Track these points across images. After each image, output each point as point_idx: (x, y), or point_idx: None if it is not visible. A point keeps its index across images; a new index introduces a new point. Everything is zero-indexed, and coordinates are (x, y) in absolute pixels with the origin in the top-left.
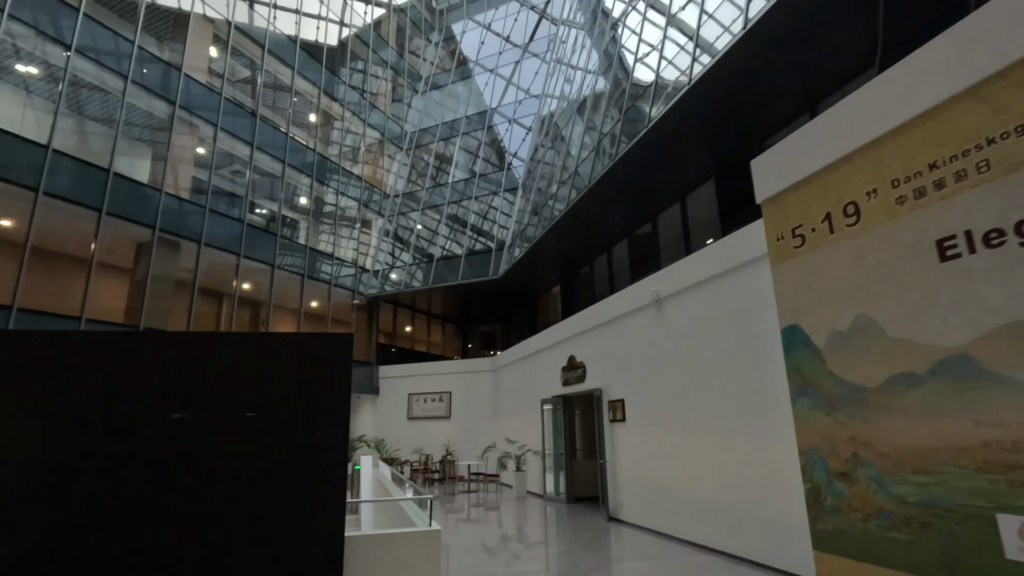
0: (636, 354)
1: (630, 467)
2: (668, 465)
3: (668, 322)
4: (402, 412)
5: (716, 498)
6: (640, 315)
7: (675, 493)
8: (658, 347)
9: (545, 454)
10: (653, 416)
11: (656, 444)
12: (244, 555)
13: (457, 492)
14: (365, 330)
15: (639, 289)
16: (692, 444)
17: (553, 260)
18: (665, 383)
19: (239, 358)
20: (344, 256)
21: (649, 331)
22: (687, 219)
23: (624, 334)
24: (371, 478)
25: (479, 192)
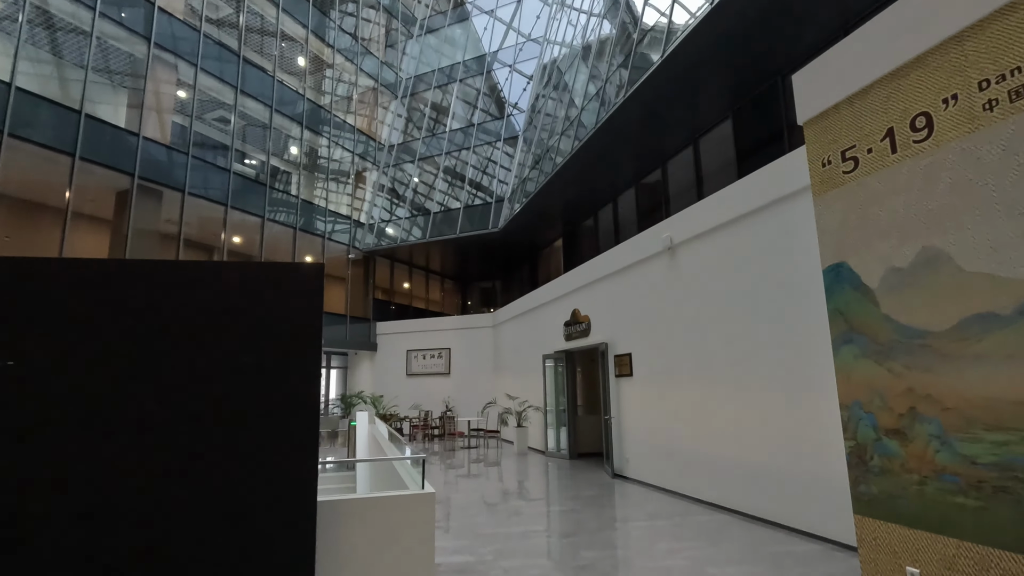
0: (645, 306)
1: (637, 423)
2: (678, 421)
3: (682, 270)
4: (401, 369)
5: (730, 455)
6: (650, 264)
7: (685, 450)
8: (670, 298)
9: (547, 410)
10: (663, 370)
11: (666, 399)
12: (197, 525)
13: (457, 448)
14: (361, 286)
15: (650, 236)
16: (705, 399)
17: (555, 212)
18: (677, 336)
19: (177, 292)
20: (338, 209)
21: (660, 281)
22: (700, 165)
23: (632, 285)
24: (367, 435)
25: (478, 143)
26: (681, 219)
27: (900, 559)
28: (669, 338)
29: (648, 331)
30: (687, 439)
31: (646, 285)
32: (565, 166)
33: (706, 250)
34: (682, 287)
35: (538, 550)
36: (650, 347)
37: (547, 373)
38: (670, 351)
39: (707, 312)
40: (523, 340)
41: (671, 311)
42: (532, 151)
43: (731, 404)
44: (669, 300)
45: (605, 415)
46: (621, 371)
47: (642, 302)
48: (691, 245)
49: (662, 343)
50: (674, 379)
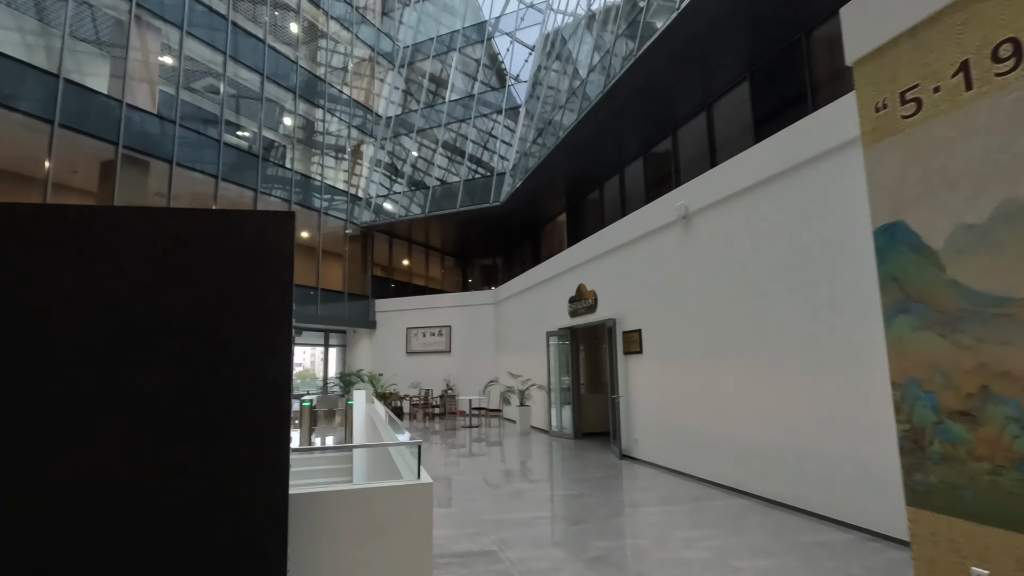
0: (657, 280)
1: (647, 402)
2: (692, 400)
3: (698, 240)
4: (400, 347)
5: (750, 436)
6: (663, 235)
7: (699, 430)
8: (684, 270)
9: (550, 389)
10: (676, 347)
11: (678, 377)
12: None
13: (458, 427)
14: (359, 262)
15: (662, 205)
16: (722, 377)
17: (559, 185)
18: (692, 311)
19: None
20: (335, 183)
21: (674, 252)
22: (713, 132)
23: (643, 258)
24: (364, 416)
25: (478, 115)
26: (697, 186)
27: (964, 558)
28: (683, 313)
29: (660, 306)
30: (701, 419)
31: (658, 257)
32: (569, 136)
33: (725, 218)
34: (698, 258)
35: (545, 538)
36: (662, 323)
37: (551, 351)
38: (684, 327)
39: (726, 285)
40: (526, 317)
41: (685, 285)
42: (534, 123)
43: (752, 383)
44: (683, 273)
45: (612, 394)
46: (630, 348)
47: (653, 275)
48: (708, 213)
49: (675, 319)
50: (688, 356)
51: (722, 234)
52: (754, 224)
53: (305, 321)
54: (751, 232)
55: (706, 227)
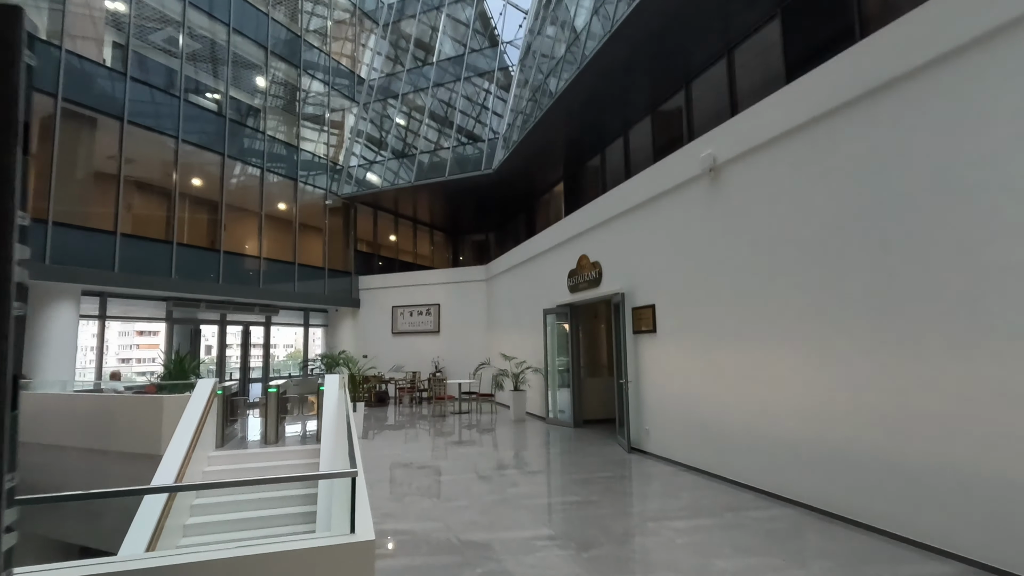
0: (674, 247)
1: (661, 388)
2: (720, 387)
3: (729, 197)
4: (386, 327)
5: (795, 432)
6: (683, 193)
7: (729, 422)
8: (710, 234)
9: (548, 372)
10: (698, 325)
11: (701, 360)
12: None
13: (447, 413)
14: (341, 237)
15: (681, 159)
16: (761, 360)
17: (556, 150)
18: (720, 282)
19: None
20: (314, 151)
21: (696, 213)
22: (735, 82)
23: (657, 222)
24: (336, 402)
25: (469, 77)
26: (729, 130)
27: None
28: (708, 286)
29: (678, 278)
30: (732, 410)
31: (676, 220)
32: (567, 92)
33: (767, 167)
34: (728, 219)
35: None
36: (680, 297)
37: (548, 330)
38: (709, 301)
39: (767, 250)
40: (521, 293)
41: (711, 252)
42: (529, 86)
43: (799, 368)
44: (709, 238)
45: (620, 378)
46: (641, 326)
47: (671, 242)
48: (744, 163)
49: (698, 292)
50: (715, 336)
51: (762, 187)
52: (807, 172)
53: (282, 298)
54: (803, 183)
55: (740, 180)
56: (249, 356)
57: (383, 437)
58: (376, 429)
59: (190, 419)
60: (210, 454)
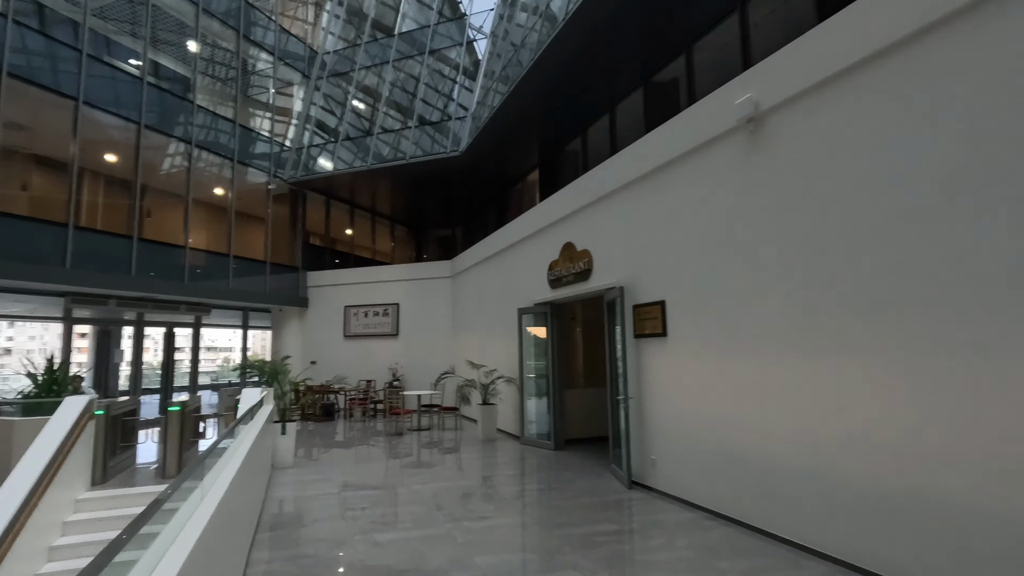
0: (694, 226)
1: (674, 408)
2: (764, 410)
3: (778, 157)
4: (337, 329)
5: (883, 476)
6: (707, 157)
7: (779, 458)
8: (748, 207)
9: (523, 382)
10: (730, 329)
11: (735, 374)
12: None
13: (404, 430)
14: (287, 227)
15: (708, 108)
16: (824, 377)
17: (531, 130)
18: (762, 271)
19: None
20: (256, 127)
21: (727, 181)
22: (748, 40)
23: (670, 196)
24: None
25: (434, 48)
26: (779, 64)
27: None
28: (744, 277)
29: (699, 267)
30: (782, 440)
31: (697, 192)
32: (546, 55)
33: (841, 108)
34: (778, 187)
35: None
36: (702, 292)
37: (525, 333)
38: (745, 298)
39: (841, 226)
40: (492, 291)
41: (751, 231)
42: (501, 56)
43: (885, 389)
44: (746, 213)
45: (616, 394)
46: (645, 329)
47: (688, 221)
48: (804, 106)
49: (728, 285)
50: (754, 342)
51: (833, 140)
52: (917, 108)
53: (214, 296)
54: (908, 126)
55: (797, 132)
56: (173, 363)
57: (315, 464)
58: (314, 449)
59: (40, 451)
60: (79, 496)
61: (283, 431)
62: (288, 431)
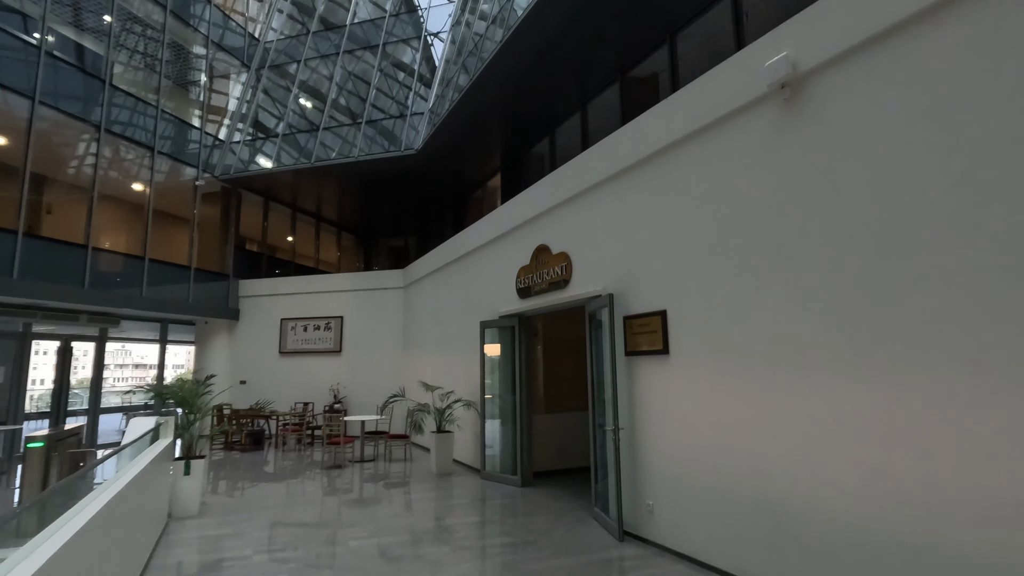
0: (705, 221)
1: (678, 442)
2: (804, 448)
3: (823, 131)
4: (272, 344)
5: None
6: (725, 132)
7: (838, 513)
8: (783, 193)
9: (485, 407)
10: (753, 343)
11: (761, 401)
12: None
13: (346, 461)
14: (217, 229)
15: (726, 74)
16: (898, 406)
17: (494, 126)
18: (799, 270)
19: None
20: (185, 116)
21: (752, 163)
22: (742, 25)
23: (673, 183)
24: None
25: (389, 40)
26: (828, 11)
27: None
28: (773, 279)
29: (711, 269)
30: (836, 489)
31: (711, 177)
32: (512, 42)
33: (915, 69)
34: (826, 168)
35: None
36: (716, 299)
37: (488, 350)
38: (776, 306)
39: (917, 216)
40: (449, 302)
41: (785, 224)
42: (462, 57)
43: (1008, 424)
44: (779, 201)
45: (602, 422)
46: (641, 345)
47: (696, 215)
48: (862, 65)
49: (751, 290)
50: (788, 362)
51: (904, 107)
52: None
53: (124, 304)
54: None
55: (849, 99)
56: (69, 384)
57: (230, 510)
58: (234, 487)
59: None
60: None
61: (187, 470)
62: (195, 470)
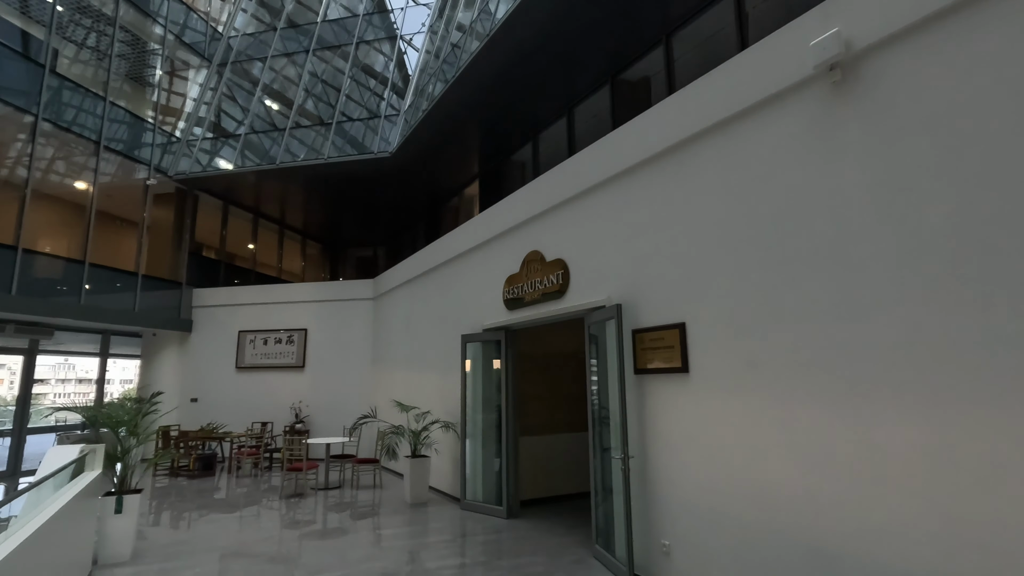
0: (734, 220)
1: (700, 474)
2: (866, 490)
3: (890, 113)
4: (228, 358)
5: None
6: (757, 123)
7: (914, 570)
8: (835, 188)
9: (466, 428)
10: (796, 363)
11: (808, 431)
12: None
13: (308, 489)
14: (170, 234)
15: (764, 54)
16: (986, 442)
17: (473, 131)
18: (855, 270)
19: None
20: (135, 109)
21: (794, 154)
22: (745, 28)
23: (694, 182)
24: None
25: (361, 39)
26: None
27: None
28: (824, 287)
29: (741, 275)
30: (909, 539)
31: (740, 174)
32: (498, 39)
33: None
34: (894, 158)
35: None
36: (746, 311)
37: (472, 366)
38: (826, 317)
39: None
40: (426, 314)
41: (839, 224)
42: (442, 58)
43: None
44: (831, 198)
45: (606, 448)
46: (654, 362)
47: (723, 214)
48: (936, 39)
49: (792, 300)
50: (843, 386)
51: (982, 92)
52: None
53: (59, 313)
54: None
55: (916, 83)
56: None
57: (168, 553)
58: (179, 520)
59: None
60: None
61: (118, 508)
62: (129, 506)
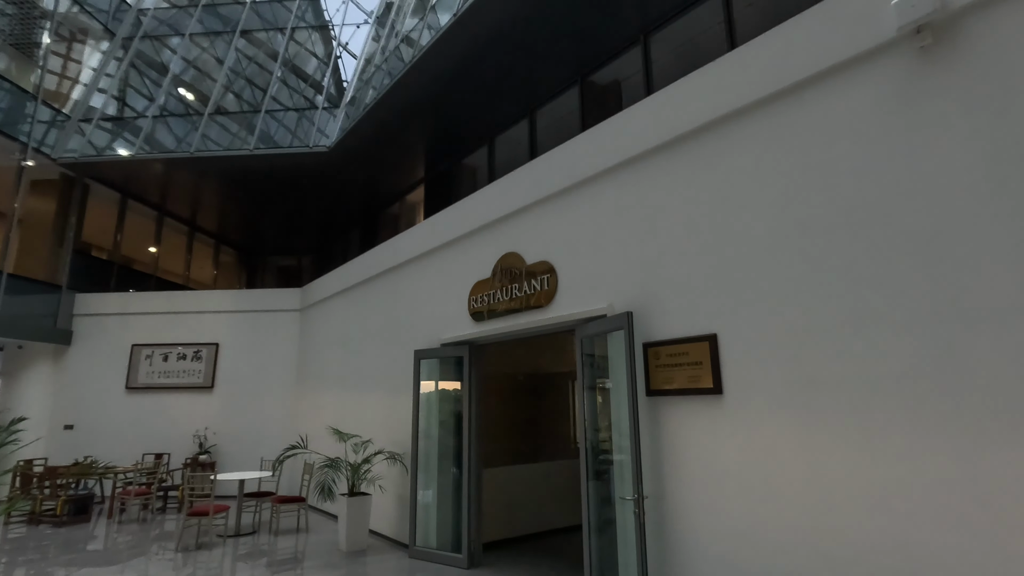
0: (782, 211)
1: (751, 520)
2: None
3: (995, 90)
4: (117, 377)
5: None
6: (819, 96)
7: None
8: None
9: (418, 460)
10: (877, 380)
11: (894, 466)
12: None
13: (213, 536)
14: (50, 227)
15: (830, 14)
16: None
17: (419, 133)
18: (961, 270)
19: None
20: (14, 79)
21: (871, 132)
22: (733, 27)
23: (723, 171)
24: None
25: (297, 25)
26: None
27: None
28: (915, 289)
29: (795, 278)
30: None
31: (789, 161)
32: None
33: None
34: (993, 141)
35: None
36: (807, 319)
37: (426, 387)
38: (922, 328)
39: None
40: (368, 327)
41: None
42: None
43: None
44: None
45: (628, 493)
46: (674, 381)
47: (767, 204)
48: None
49: (877, 308)
50: (948, 413)
51: None
52: None
53: None
54: None
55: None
56: None
57: None
58: None
59: None
60: None
61: None
62: None
